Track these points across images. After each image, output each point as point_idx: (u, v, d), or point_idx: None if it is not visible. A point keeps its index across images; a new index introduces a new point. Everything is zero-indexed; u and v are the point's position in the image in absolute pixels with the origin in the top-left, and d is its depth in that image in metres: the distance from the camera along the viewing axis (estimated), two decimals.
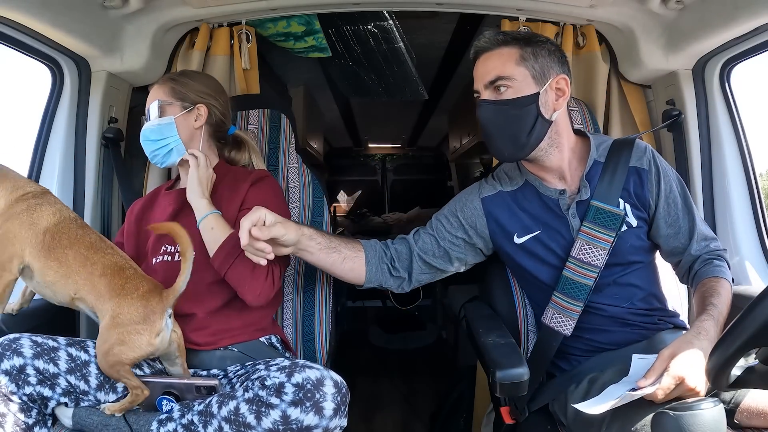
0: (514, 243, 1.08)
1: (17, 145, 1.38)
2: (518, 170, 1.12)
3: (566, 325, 1.02)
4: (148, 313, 0.90)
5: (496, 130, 1.01)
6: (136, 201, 1.23)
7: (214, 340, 1.05)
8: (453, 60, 2.22)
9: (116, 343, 0.88)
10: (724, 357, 0.67)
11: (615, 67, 1.49)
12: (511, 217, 1.09)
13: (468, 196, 1.14)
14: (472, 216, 1.12)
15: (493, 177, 1.16)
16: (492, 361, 0.93)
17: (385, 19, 1.59)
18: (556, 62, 1.03)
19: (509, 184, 1.12)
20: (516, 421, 1.08)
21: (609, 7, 1.34)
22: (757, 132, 1.39)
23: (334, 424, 0.81)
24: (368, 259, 1.08)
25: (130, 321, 0.89)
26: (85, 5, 1.17)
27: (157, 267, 1.08)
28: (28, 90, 1.37)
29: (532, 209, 1.08)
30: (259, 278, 1.01)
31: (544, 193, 1.07)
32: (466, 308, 1.24)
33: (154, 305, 0.91)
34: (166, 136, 1.11)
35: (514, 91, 0.99)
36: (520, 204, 1.09)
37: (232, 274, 1.01)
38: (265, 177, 1.17)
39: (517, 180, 1.11)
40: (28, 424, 0.87)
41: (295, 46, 1.67)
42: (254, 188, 1.13)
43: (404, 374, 2.72)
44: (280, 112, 1.38)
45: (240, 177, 1.15)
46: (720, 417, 0.71)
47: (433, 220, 1.15)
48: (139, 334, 0.89)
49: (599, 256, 1.00)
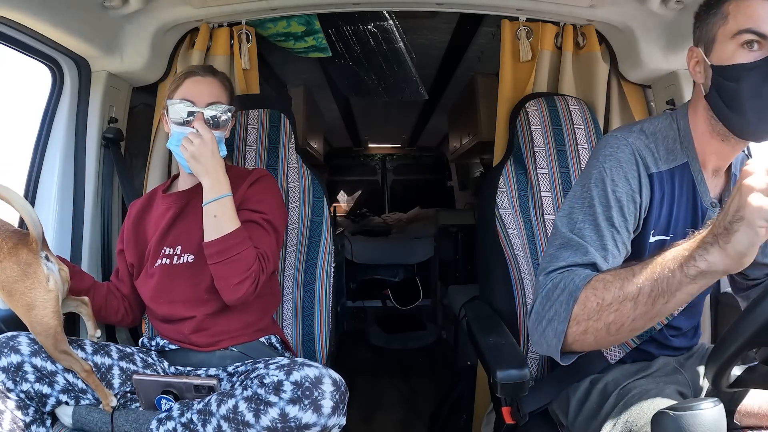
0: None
1: (17, 145, 1.38)
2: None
3: (615, 354, 0.95)
4: (24, 267, 0.86)
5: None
6: (132, 204, 1.20)
7: (214, 341, 1.05)
8: (453, 60, 2.22)
9: (27, 310, 0.85)
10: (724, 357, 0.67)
11: (615, 67, 1.49)
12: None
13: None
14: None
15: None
16: (493, 361, 0.93)
17: (385, 19, 1.59)
18: None
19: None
20: (516, 422, 1.08)
21: (609, 7, 1.34)
22: None
23: (332, 422, 0.81)
24: None
25: (14, 281, 0.85)
26: (85, 5, 1.16)
27: (155, 271, 1.08)
28: (28, 90, 1.37)
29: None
30: (244, 284, 0.99)
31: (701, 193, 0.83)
32: (466, 308, 1.24)
33: (25, 257, 0.86)
34: (220, 147, 1.06)
35: None
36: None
37: (220, 269, 0.99)
38: (264, 176, 1.16)
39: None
40: (25, 422, 0.88)
41: (295, 46, 1.67)
42: (253, 188, 1.12)
43: (404, 374, 2.72)
44: (280, 112, 1.38)
45: (239, 175, 1.13)
46: (720, 417, 0.71)
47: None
48: (33, 290, 0.86)
49: None
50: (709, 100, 0.78)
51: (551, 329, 0.70)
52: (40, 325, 0.85)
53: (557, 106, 1.38)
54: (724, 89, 0.74)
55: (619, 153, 0.78)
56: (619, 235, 0.74)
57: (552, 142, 1.35)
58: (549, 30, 1.45)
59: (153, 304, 1.09)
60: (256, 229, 1.06)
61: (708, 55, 0.77)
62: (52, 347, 0.87)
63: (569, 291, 0.68)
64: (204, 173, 1.01)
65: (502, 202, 1.30)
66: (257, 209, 1.09)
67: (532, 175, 1.33)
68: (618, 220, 0.74)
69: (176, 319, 1.06)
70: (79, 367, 0.89)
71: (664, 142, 0.82)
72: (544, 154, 1.34)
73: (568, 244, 0.74)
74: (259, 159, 1.34)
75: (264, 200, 1.10)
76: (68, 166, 1.31)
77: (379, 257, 3.49)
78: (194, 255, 1.07)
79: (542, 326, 0.71)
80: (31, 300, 0.85)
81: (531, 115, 1.37)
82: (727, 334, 0.66)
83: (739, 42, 0.72)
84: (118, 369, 0.98)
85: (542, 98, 1.39)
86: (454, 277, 2.94)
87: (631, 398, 0.82)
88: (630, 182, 0.76)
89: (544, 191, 1.32)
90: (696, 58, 0.80)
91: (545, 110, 1.37)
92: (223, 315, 1.06)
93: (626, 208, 0.75)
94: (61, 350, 0.87)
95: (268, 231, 1.08)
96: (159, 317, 1.09)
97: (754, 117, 0.72)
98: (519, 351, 0.96)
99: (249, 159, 1.34)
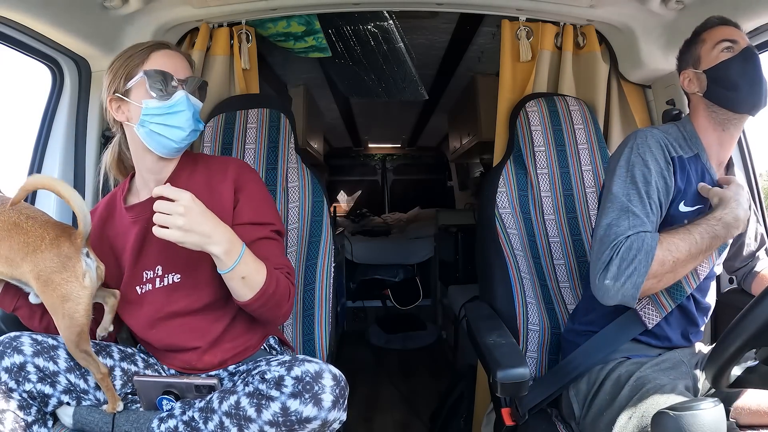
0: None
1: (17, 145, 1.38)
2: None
3: (653, 318, 0.99)
4: (63, 260, 0.84)
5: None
6: (90, 211, 0.94)
7: (221, 362, 1.02)
8: (453, 60, 2.22)
9: (61, 302, 0.83)
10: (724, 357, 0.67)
11: (615, 67, 1.49)
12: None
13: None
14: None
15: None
16: (493, 361, 0.93)
17: (385, 19, 1.59)
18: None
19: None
20: (516, 423, 1.08)
21: (609, 7, 1.34)
22: (757, 132, 1.40)
23: (333, 416, 0.81)
24: None
25: (52, 271, 0.84)
26: (85, 5, 1.16)
27: (141, 299, 0.99)
28: (28, 90, 1.37)
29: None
30: (288, 308, 0.96)
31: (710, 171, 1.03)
32: (466, 308, 1.24)
33: (66, 250, 0.85)
34: (200, 122, 0.97)
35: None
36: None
37: (265, 314, 0.94)
38: (245, 174, 1.05)
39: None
40: (27, 422, 0.87)
41: (295, 46, 1.67)
42: (243, 195, 1.02)
43: (404, 374, 2.72)
44: (280, 112, 1.37)
45: (215, 169, 1.03)
46: (720, 417, 0.71)
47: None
48: (69, 283, 0.84)
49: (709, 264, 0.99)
50: (709, 95, 1.00)
51: (630, 283, 0.89)
52: (70, 318, 0.84)
53: (557, 106, 1.38)
54: (719, 80, 0.98)
55: (649, 141, 1.00)
56: (656, 205, 0.96)
57: (552, 142, 1.35)
58: (549, 30, 1.45)
59: (148, 337, 1.00)
60: (270, 245, 0.99)
61: (697, 68, 1.02)
62: (73, 344, 0.86)
63: (645, 251, 0.89)
64: (207, 242, 0.84)
65: (502, 202, 1.30)
66: (261, 221, 1.00)
67: (532, 175, 1.33)
68: (654, 194, 0.96)
69: (178, 349, 1.00)
70: (96, 368, 0.88)
71: (677, 140, 1.03)
72: (544, 154, 1.34)
73: (625, 214, 0.94)
74: (259, 159, 1.34)
75: (260, 206, 1.03)
76: (68, 165, 1.31)
77: (379, 257, 3.49)
78: (180, 274, 0.98)
79: (621, 281, 0.89)
80: (67, 292, 0.84)
81: (531, 115, 1.37)
82: (727, 334, 0.66)
83: (719, 49, 0.99)
84: (119, 370, 0.97)
85: (542, 98, 1.39)
86: (454, 277, 2.94)
87: (646, 391, 0.85)
88: (660, 163, 0.98)
89: (544, 191, 1.32)
90: (688, 77, 1.04)
91: (545, 110, 1.37)
92: (226, 340, 1.01)
93: (660, 184, 0.97)
94: (82, 349, 0.86)
95: (279, 240, 1.03)
96: (157, 348, 1.02)
97: (746, 90, 0.97)
98: (519, 351, 0.97)
99: (248, 159, 1.34)
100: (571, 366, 1.04)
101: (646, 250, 0.89)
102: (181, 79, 0.96)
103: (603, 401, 0.93)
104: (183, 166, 1.03)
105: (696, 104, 1.04)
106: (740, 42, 0.99)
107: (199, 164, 1.05)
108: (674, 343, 1.03)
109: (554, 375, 1.07)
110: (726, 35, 0.99)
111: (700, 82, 1.01)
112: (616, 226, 0.93)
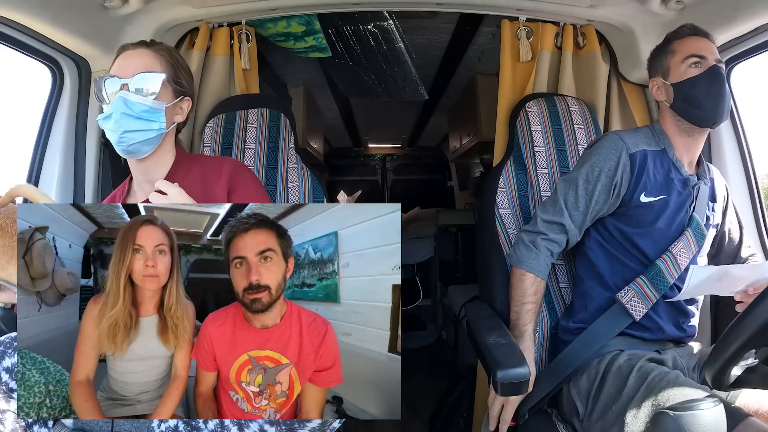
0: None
1: (17, 145, 1.38)
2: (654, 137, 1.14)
3: (640, 310, 1.03)
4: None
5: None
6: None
7: None
8: (453, 60, 2.22)
9: None
10: (724, 357, 0.67)
11: (615, 67, 1.49)
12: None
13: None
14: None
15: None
16: (493, 361, 0.93)
17: (385, 19, 1.59)
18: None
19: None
20: (516, 422, 1.08)
21: (609, 7, 1.34)
22: (757, 132, 1.40)
23: None
24: None
25: None
26: (85, 5, 1.16)
27: None
28: (28, 90, 1.37)
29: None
30: None
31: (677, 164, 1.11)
32: (466, 308, 1.24)
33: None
34: (153, 120, 0.94)
35: None
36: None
37: None
38: (240, 173, 1.04)
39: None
40: (27, 422, 0.87)
41: (295, 46, 1.67)
42: (239, 196, 1.01)
43: (404, 374, 2.72)
44: (280, 112, 1.37)
45: (208, 169, 1.03)
46: (720, 417, 0.71)
47: None
48: None
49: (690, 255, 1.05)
50: (675, 107, 1.07)
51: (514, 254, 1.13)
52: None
53: (557, 107, 1.38)
54: (685, 96, 1.05)
55: (603, 141, 1.10)
56: (590, 201, 1.07)
57: (552, 142, 1.35)
58: (549, 30, 1.45)
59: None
60: None
61: (666, 79, 1.08)
62: None
63: (519, 252, 1.11)
64: None
65: (502, 202, 1.30)
66: None
67: (532, 175, 1.33)
68: (592, 194, 1.06)
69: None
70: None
71: (645, 136, 1.11)
72: (544, 154, 1.34)
73: (554, 203, 1.10)
74: (259, 159, 1.34)
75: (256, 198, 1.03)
76: (68, 165, 1.31)
77: None
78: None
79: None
80: None
81: (531, 116, 1.37)
82: (727, 334, 0.66)
83: (687, 64, 1.05)
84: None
85: (542, 98, 1.39)
86: (454, 277, 2.94)
87: (652, 380, 0.86)
88: (609, 163, 1.06)
89: (544, 191, 1.32)
90: (657, 85, 1.11)
91: (545, 110, 1.37)
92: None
93: (601, 183, 1.06)
94: None
95: None
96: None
97: (709, 109, 1.03)
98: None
99: (248, 159, 1.34)
100: (566, 361, 1.05)
101: (517, 257, 1.10)
102: (124, 78, 0.93)
103: (609, 395, 0.93)
104: (178, 166, 1.03)
105: (663, 111, 1.12)
106: (708, 58, 1.04)
107: (195, 164, 1.05)
108: (667, 333, 1.05)
109: (550, 372, 1.07)
110: (695, 50, 1.04)
111: (667, 93, 1.08)
112: (542, 207, 1.12)
